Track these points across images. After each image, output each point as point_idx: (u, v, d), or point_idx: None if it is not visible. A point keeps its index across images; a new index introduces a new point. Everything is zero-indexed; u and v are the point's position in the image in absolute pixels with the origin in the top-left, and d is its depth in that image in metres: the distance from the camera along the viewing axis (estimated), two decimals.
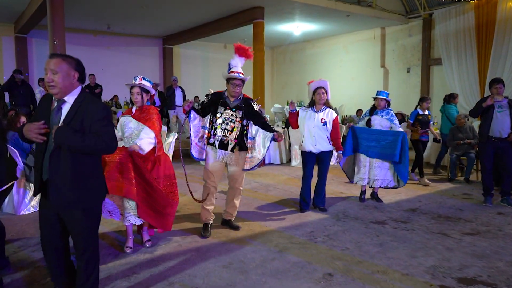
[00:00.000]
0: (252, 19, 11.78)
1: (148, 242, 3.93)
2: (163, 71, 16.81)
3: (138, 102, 3.78)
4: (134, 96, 3.77)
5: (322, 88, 4.99)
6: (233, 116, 4.23)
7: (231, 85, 4.19)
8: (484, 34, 11.55)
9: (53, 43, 9.07)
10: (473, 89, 11.87)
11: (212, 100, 4.27)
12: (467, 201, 5.74)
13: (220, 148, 4.21)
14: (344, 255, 3.72)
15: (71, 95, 2.42)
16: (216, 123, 4.22)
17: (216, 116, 4.22)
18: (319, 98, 5.00)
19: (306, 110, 5.13)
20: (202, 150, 4.31)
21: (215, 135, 4.22)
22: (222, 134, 4.20)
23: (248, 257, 3.66)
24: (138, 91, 3.77)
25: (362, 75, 15.12)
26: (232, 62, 4.31)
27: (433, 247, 3.90)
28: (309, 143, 5.03)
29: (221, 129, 4.20)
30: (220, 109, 4.22)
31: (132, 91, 3.78)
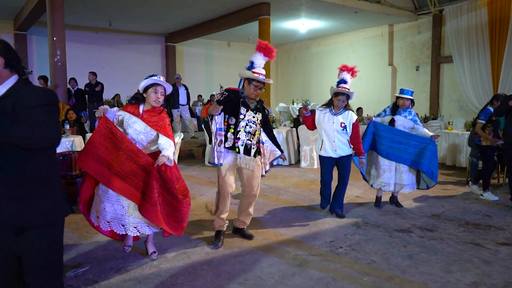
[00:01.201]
0: (258, 15, 11.44)
1: (154, 254, 3.57)
2: (165, 70, 16.48)
3: (159, 103, 3.42)
4: (158, 95, 3.39)
5: (345, 96, 4.68)
6: (254, 118, 3.91)
7: (253, 86, 3.82)
8: (497, 31, 11.18)
9: (52, 40, 8.73)
10: (486, 88, 11.49)
11: (230, 98, 3.83)
12: (493, 206, 5.38)
13: (244, 154, 3.87)
14: (372, 269, 3.36)
15: (1, 86, 1.89)
16: (239, 126, 3.82)
17: (239, 118, 3.82)
18: (338, 104, 4.69)
19: (324, 112, 4.76)
20: (221, 154, 3.84)
21: (239, 139, 3.83)
22: (247, 138, 3.86)
23: (265, 272, 3.31)
24: (163, 90, 3.42)
25: (369, 74, 14.75)
26: (256, 61, 3.90)
27: (468, 260, 3.54)
28: (330, 148, 4.69)
29: (245, 132, 3.85)
30: (243, 110, 3.85)
31: (157, 89, 3.39)
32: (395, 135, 4.97)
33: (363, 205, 5.38)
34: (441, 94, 13.08)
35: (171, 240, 3.97)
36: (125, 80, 13.80)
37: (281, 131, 8.58)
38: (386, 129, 5.06)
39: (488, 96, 11.37)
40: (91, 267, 3.33)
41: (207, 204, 5.36)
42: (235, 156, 3.89)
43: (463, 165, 7.75)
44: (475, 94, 11.75)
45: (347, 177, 4.83)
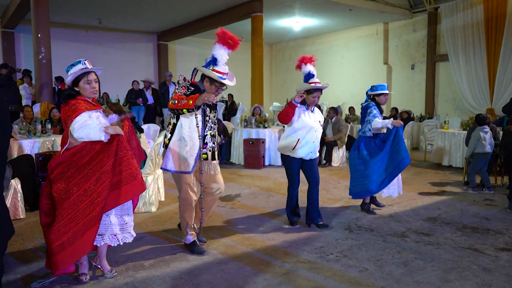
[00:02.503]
0: (251, 12, 11.24)
1: (112, 270, 3.15)
2: (158, 68, 16.22)
3: (97, 93, 3.04)
4: (93, 84, 2.97)
5: (320, 92, 4.26)
6: (214, 117, 3.60)
7: (215, 86, 3.45)
8: (493, 29, 11.00)
9: (37, 37, 8.46)
10: (482, 86, 11.32)
11: (195, 94, 3.33)
12: (491, 208, 5.17)
13: (213, 160, 3.57)
14: (364, 278, 3.13)
15: None
16: (206, 130, 3.49)
17: (205, 120, 3.46)
18: (314, 101, 4.23)
19: (301, 108, 4.26)
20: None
21: (206, 145, 3.50)
22: (211, 142, 3.57)
23: (249, 282, 3.06)
24: (96, 77, 3.01)
25: (364, 73, 14.58)
26: (219, 57, 3.41)
27: (467, 268, 3.31)
28: (306, 150, 4.22)
29: (210, 136, 3.55)
30: (207, 111, 3.50)
31: (90, 78, 2.95)
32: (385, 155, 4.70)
33: (356, 208, 5.15)
34: (436, 93, 12.90)
35: (150, 247, 3.73)
36: (116, 79, 13.50)
37: (274, 131, 8.35)
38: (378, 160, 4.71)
39: (484, 94, 11.21)
40: (59, 277, 3.07)
41: None
42: (201, 162, 3.53)
43: (459, 165, 7.55)
44: (471, 93, 11.57)
45: (318, 177, 4.44)
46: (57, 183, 2.87)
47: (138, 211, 4.81)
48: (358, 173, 4.78)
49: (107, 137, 2.85)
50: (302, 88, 4.20)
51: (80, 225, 2.83)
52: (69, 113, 2.87)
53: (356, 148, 4.88)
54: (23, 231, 4.22)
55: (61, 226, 2.81)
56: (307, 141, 4.21)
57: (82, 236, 2.84)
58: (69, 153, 2.89)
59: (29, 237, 4.04)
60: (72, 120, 2.84)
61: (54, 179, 2.88)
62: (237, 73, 3.81)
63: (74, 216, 2.83)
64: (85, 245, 2.87)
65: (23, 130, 6.07)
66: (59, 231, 2.81)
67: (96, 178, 2.87)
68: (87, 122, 2.85)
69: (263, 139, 8.11)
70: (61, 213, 2.82)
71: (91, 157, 2.89)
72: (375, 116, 4.75)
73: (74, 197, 2.84)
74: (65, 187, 2.86)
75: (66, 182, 2.86)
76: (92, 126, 2.83)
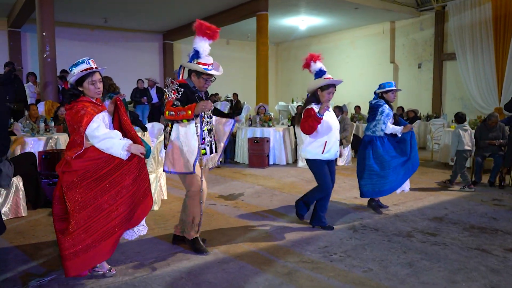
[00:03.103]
0: (256, 11, 11.18)
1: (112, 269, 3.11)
2: (163, 68, 16.21)
3: (101, 93, 2.98)
4: (98, 85, 2.89)
5: (335, 88, 4.09)
6: (209, 111, 3.51)
7: (202, 79, 3.40)
8: (502, 27, 10.85)
9: (41, 35, 8.46)
10: (490, 86, 11.16)
11: (186, 94, 3.33)
12: (499, 208, 5.06)
13: (211, 153, 3.58)
14: (368, 278, 3.05)
15: None
16: (202, 126, 3.44)
17: (202, 116, 3.41)
18: (328, 98, 4.03)
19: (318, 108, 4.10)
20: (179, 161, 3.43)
21: (204, 140, 3.47)
22: (209, 136, 3.55)
23: (250, 282, 3.00)
24: (100, 77, 2.94)
25: (370, 72, 14.46)
26: (201, 49, 3.37)
27: (474, 268, 3.22)
28: (334, 150, 4.12)
29: (207, 131, 3.51)
30: None
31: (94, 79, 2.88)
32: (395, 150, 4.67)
33: (361, 207, 5.07)
34: (443, 92, 12.76)
35: (150, 246, 3.68)
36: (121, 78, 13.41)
37: (278, 130, 8.29)
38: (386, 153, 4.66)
39: (493, 93, 11.06)
40: (58, 275, 3.03)
41: None
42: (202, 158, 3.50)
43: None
44: (479, 92, 11.42)
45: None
46: (71, 192, 2.81)
47: None
48: (373, 173, 4.66)
49: (128, 155, 2.84)
50: (317, 85, 4.02)
51: (96, 235, 2.81)
52: (78, 118, 2.78)
53: (369, 147, 4.69)
54: (24, 229, 4.19)
55: (76, 235, 2.78)
56: (334, 141, 4.11)
57: (97, 246, 2.82)
58: (84, 162, 2.82)
59: (30, 235, 4.01)
60: (85, 126, 2.76)
61: (68, 187, 2.81)
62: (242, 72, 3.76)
63: (89, 226, 2.81)
64: (100, 255, 2.86)
65: (26, 128, 6.06)
66: (73, 239, 2.78)
67: (116, 191, 2.86)
68: (110, 134, 2.81)
69: (268, 138, 8.04)
70: (76, 222, 2.79)
71: (111, 170, 2.86)
72: (388, 116, 4.62)
73: (90, 209, 2.81)
74: (80, 197, 2.80)
75: (81, 192, 2.81)
76: (115, 141, 2.80)
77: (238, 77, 15.71)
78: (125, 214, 2.90)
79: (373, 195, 4.72)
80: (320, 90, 4.02)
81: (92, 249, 2.81)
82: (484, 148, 6.36)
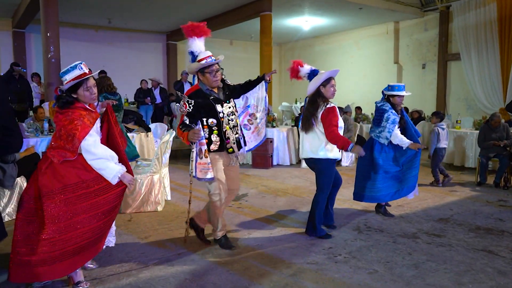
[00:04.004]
0: (259, 11, 11.15)
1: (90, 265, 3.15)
2: (166, 68, 16.23)
3: (96, 99, 2.88)
4: (93, 90, 2.81)
5: (334, 79, 3.97)
6: (231, 108, 3.55)
7: (209, 74, 3.38)
8: (507, 27, 10.77)
9: (46, 36, 8.48)
10: (495, 86, 11.09)
11: (198, 104, 3.38)
12: (505, 209, 5.02)
13: (239, 149, 3.58)
14: (373, 280, 3.03)
15: None
16: (223, 126, 3.45)
17: (220, 117, 3.43)
18: (333, 91, 3.92)
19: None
20: (209, 166, 3.44)
21: (229, 139, 3.49)
22: (235, 133, 3.54)
23: (255, 283, 2.98)
24: (94, 82, 2.85)
25: (374, 72, 14.41)
26: (194, 48, 3.46)
27: (481, 270, 3.19)
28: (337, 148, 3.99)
29: (230, 129, 3.51)
30: (219, 107, 3.45)
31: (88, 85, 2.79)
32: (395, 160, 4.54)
33: (366, 208, 5.04)
34: (448, 92, 12.69)
35: (154, 246, 3.67)
36: (125, 79, 13.50)
37: (282, 130, 8.26)
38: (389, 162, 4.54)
39: (497, 94, 10.99)
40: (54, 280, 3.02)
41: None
42: (227, 157, 3.56)
43: (472, 166, 7.38)
44: (483, 92, 11.35)
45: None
46: (48, 201, 2.63)
47: (144, 210, 4.77)
48: (360, 174, 4.65)
49: (118, 181, 2.77)
50: (317, 83, 3.91)
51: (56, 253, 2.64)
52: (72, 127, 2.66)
53: (368, 148, 4.60)
54: None
55: (40, 245, 2.59)
56: None
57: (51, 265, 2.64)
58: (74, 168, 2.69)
59: None
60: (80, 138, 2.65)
61: (46, 195, 2.63)
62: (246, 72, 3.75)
63: (56, 241, 2.63)
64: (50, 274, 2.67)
65: (30, 129, 6.07)
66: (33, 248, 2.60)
67: (94, 214, 2.72)
68: (107, 155, 2.73)
69: (271, 138, 8.02)
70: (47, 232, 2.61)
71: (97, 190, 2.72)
72: (394, 123, 4.43)
73: (62, 224, 2.64)
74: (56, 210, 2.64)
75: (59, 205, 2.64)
76: (110, 164, 2.73)
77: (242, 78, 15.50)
78: (91, 240, 2.75)
79: (364, 199, 4.63)
80: (322, 87, 3.91)
81: (45, 266, 2.62)
82: (488, 149, 6.32)
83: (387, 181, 4.53)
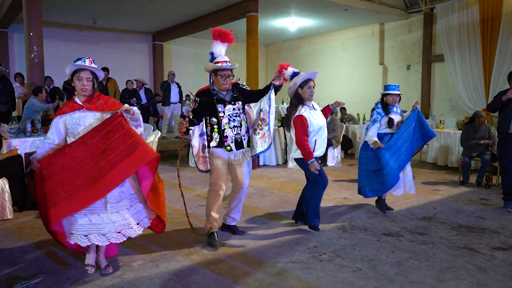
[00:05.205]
0: (246, 12, 11.16)
1: (108, 267, 3.12)
2: (153, 69, 16.12)
3: (87, 91, 3.02)
4: (84, 82, 2.99)
5: (312, 81, 4.08)
6: (235, 109, 3.73)
7: (220, 77, 3.65)
8: (489, 29, 10.96)
9: (29, 36, 8.35)
10: (478, 87, 11.28)
11: (203, 101, 3.68)
12: (486, 207, 5.12)
13: (238, 149, 3.73)
14: (357, 278, 3.06)
15: None
16: (223, 124, 3.67)
17: (220, 116, 3.66)
18: (310, 92, 4.03)
19: (306, 110, 4.04)
20: (206, 159, 3.75)
21: (227, 137, 3.67)
22: (235, 133, 3.70)
23: (240, 283, 2.99)
24: (89, 76, 3.02)
25: (360, 73, 14.52)
26: (215, 50, 3.76)
27: (462, 267, 3.25)
28: (322, 147, 4.10)
29: (230, 128, 3.69)
30: (220, 107, 3.68)
31: (81, 75, 2.99)
32: (399, 140, 4.62)
33: (351, 207, 5.09)
34: (432, 93, 12.87)
35: (139, 247, 3.65)
36: None
37: None
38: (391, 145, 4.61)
39: (480, 95, 11.18)
40: (45, 278, 2.99)
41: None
42: (227, 154, 3.73)
43: (454, 165, 7.51)
44: (466, 93, 11.53)
45: None
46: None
47: None
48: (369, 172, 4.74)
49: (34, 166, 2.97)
50: (295, 85, 4.04)
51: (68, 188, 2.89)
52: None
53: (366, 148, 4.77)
54: (10, 231, 4.13)
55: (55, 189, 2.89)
56: (323, 139, 4.08)
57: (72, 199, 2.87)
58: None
59: (16, 237, 3.95)
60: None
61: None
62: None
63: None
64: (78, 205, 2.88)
65: (13, 130, 5.97)
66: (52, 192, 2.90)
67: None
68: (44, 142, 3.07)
69: None
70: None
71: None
72: (375, 121, 4.69)
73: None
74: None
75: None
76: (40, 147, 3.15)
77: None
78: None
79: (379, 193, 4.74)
80: (300, 89, 4.05)
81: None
82: (471, 148, 6.43)
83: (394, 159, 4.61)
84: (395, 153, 4.60)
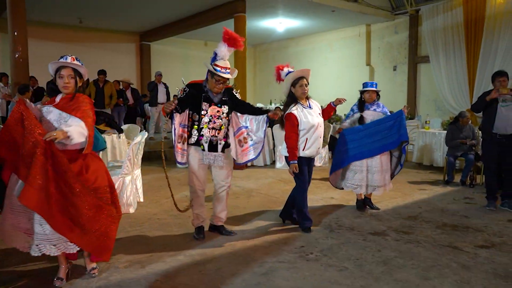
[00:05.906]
0: (233, 13, 11.14)
1: (93, 270, 3.06)
2: (140, 69, 16.00)
3: (69, 88, 2.95)
4: (65, 79, 2.93)
5: (305, 79, 4.07)
6: (219, 112, 3.73)
7: (215, 80, 3.66)
8: (473, 31, 11.14)
9: (13, 35, 8.22)
10: (462, 87, 11.46)
11: (191, 93, 3.70)
12: (470, 206, 5.20)
13: (210, 151, 3.73)
14: (343, 277, 3.09)
15: None
16: (202, 122, 3.68)
17: (201, 114, 3.69)
18: (302, 91, 4.03)
19: (298, 108, 4.06)
20: (184, 152, 3.76)
21: (202, 136, 3.69)
22: (211, 134, 3.70)
23: (227, 283, 2.99)
24: (71, 73, 2.96)
25: (347, 74, 14.63)
26: (219, 53, 3.70)
27: (446, 265, 3.30)
28: (315, 147, 4.06)
29: (208, 128, 3.69)
30: (205, 105, 3.69)
31: (62, 73, 2.94)
32: (368, 129, 4.73)
33: (338, 207, 5.13)
34: (418, 94, 13.02)
35: (125, 248, 3.63)
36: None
37: None
38: (354, 130, 4.81)
39: (464, 95, 11.36)
40: (30, 280, 2.96)
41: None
42: (201, 153, 3.75)
43: (440, 165, 7.62)
44: (451, 93, 11.70)
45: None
46: None
47: None
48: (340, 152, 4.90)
49: None
50: (288, 80, 4.07)
51: None
52: None
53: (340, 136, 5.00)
54: None
55: None
56: (315, 138, 4.04)
57: None
58: None
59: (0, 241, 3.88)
60: None
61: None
62: None
63: None
64: None
65: None
66: None
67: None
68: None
69: None
70: None
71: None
72: (347, 117, 5.10)
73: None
74: None
75: None
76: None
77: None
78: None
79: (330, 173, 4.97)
80: (292, 87, 4.09)
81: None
82: (456, 148, 6.53)
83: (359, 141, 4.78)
84: (355, 140, 4.75)
